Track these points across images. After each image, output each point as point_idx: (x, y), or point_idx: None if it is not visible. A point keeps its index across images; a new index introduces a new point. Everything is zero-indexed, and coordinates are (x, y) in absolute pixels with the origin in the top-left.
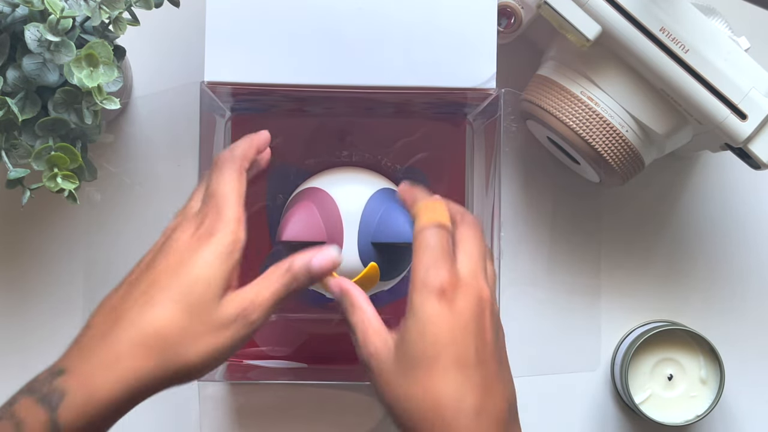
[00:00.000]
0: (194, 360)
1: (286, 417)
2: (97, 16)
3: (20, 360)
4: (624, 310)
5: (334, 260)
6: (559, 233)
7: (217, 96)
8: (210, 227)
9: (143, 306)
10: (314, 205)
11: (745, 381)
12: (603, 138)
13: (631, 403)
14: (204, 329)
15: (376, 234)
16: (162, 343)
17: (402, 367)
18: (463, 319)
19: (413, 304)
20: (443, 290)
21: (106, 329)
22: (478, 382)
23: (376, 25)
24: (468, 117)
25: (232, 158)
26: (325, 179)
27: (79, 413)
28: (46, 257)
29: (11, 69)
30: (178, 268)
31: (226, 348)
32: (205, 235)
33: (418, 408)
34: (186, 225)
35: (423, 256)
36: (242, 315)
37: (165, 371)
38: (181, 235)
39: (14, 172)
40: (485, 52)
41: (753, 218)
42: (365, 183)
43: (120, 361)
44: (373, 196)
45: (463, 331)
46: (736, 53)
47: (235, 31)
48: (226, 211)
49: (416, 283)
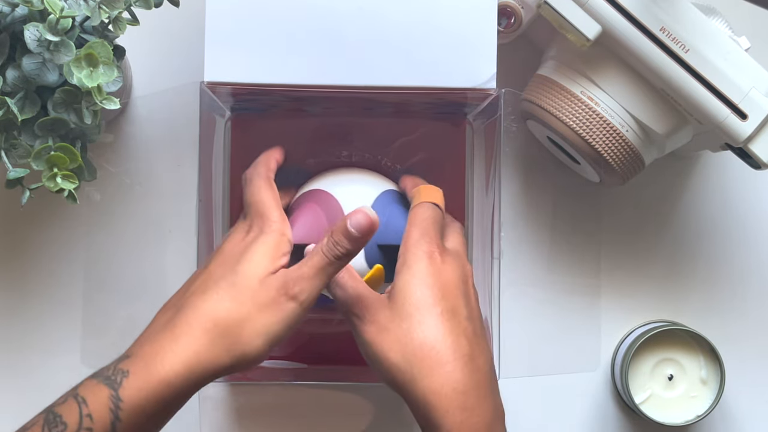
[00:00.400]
0: (249, 342)
1: (285, 417)
2: (96, 15)
3: (20, 360)
4: (624, 310)
5: (369, 217)
6: (559, 233)
7: (217, 96)
8: (258, 229)
9: (199, 296)
10: (319, 208)
11: (745, 381)
12: (603, 138)
13: (631, 403)
14: (251, 310)
15: (381, 236)
16: (217, 327)
17: (399, 313)
18: (452, 279)
19: (407, 260)
20: (433, 253)
21: (167, 319)
22: (469, 334)
23: (376, 25)
24: (468, 117)
25: (257, 171)
26: (328, 181)
27: (140, 390)
28: (45, 257)
29: (11, 69)
30: (231, 263)
31: (275, 326)
32: (253, 237)
33: (416, 349)
34: (235, 234)
35: (417, 225)
36: (283, 290)
37: (224, 352)
38: (232, 240)
39: (14, 172)
40: (485, 52)
41: (753, 218)
42: (369, 185)
43: (179, 343)
44: (378, 198)
45: (454, 289)
46: (736, 53)
47: (235, 31)
48: (269, 212)
49: (409, 245)
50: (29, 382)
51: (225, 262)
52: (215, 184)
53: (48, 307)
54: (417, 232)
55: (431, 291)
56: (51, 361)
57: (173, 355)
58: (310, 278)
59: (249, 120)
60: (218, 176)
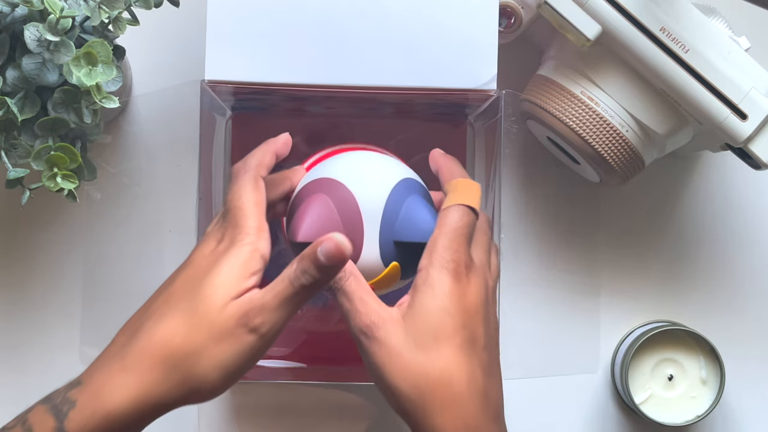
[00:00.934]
0: (204, 374)
1: (284, 417)
2: (96, 15)
3: (20, 360)
4: (624, 310)
5: (339, 247)
6: (559, 233)
7: (218, 95)
8: (229, 240)
9: (157, 319)
10: (330, 200)
11: (745, 381)
12: (603, 138)
13: (631, 403)
14: (208, 341)
15: (399, 232)
16: (171, 356)
17: (414, 340)
18: (475, 302)
19: (431, 277)
20: (459, 271)
21: (122, 343)
22: (485, 366)
23: (377, 25)
24: (469, 118)
25: (246, 168)
26: (340, 167)
27: (85, 425)
28: (45, 257)
29: (11, 69)
30: (194, 282)
31: (232, 360)
32: (223, 249)
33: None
34: (207, 241)
35: (447, 234)
36: (244, 320)
37: (176, 385)
38: (202, 251)
39: (14, 172)
40: (486, 53)
41: (753, 218)
42: (385, 173)
43: (129, 375)
44: (395, 188)
45: (476, 314)
46: (736, 53)
47: (236, 29)
48: (245, 221)
49: (435, 258)
50: (28, 382)
51: (189, 279)
52: (215, 184)
53: (47, 307)
54: (445, 242)
55: (452, 319)
56: (50, 360)
57: (121, 389)
58: (274, 309)
59: (249, 119)
60: (218, 176)
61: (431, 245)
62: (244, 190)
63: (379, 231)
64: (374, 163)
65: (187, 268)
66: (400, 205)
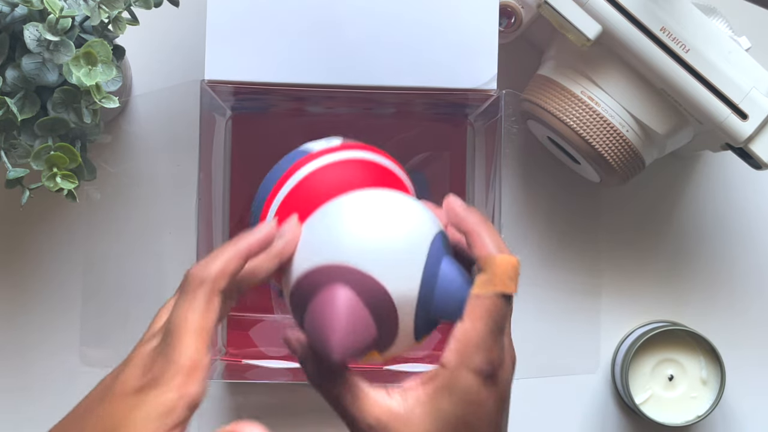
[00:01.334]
0: None
1: (283, 417)
2: (96, 15)
3: (20, 360)
4: (624, 310)
5: None
6: (560, 233)
7: (218, 95)
8: (155, 375)
9: None
10: (355, 295)
11: (746, 381)
12: (603, 138)
13: (631, 403)
14: None
15: (437, 310)
16: None
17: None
18: (499, 404)
19: (457, 380)
20: (490, 374)
21: None
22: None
23: (377, 25)
24: (469, 118)
25: (202, 279)
26: (355, 242)
27: None
28: (45, 257)
29: (10, 69)
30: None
31: None
32: (147, 387)
33: None
34: (135, 365)
35: (480, 330)
36: None
37: None
38: (126, 380)
39: (13, 172)
40: (486, 52)
41: (754, 218)
42: (414, 241)
43: None
44: (428, 260)
45: (496, 416)
46: (736, 53)
47: (236, 29)
48: (178, 355)
49: (465, 358)
50: (28, 382)
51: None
52: (215, 184)
53: (47, 307)
54: (478, 341)
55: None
56: (50, 360)
57: None
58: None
59: (249, 119)
60: (218, 176)
61: (462, 338)
62: (190, 311)
63: (414, 315)
64: (397, 229)
65: (102, 409)
66: (435, 278)
